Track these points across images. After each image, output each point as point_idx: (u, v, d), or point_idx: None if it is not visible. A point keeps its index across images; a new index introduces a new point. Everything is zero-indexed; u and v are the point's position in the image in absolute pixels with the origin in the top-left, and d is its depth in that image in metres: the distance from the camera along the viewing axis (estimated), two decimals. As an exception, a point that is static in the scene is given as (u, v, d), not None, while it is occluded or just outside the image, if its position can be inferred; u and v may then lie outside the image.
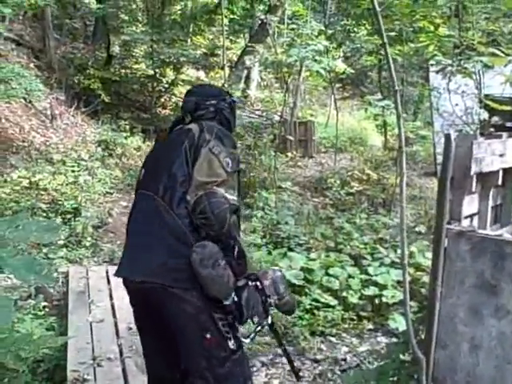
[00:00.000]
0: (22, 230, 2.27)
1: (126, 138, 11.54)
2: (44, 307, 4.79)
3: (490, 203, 3.10)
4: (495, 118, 6.90)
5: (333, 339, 4.68)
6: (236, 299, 2.41)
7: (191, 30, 15.67)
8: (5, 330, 2.66)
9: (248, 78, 15.95)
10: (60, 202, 7.49)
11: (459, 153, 2.60)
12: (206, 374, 2.39)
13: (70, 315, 4.40)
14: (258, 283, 2.48)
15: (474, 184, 2.74)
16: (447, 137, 2.56)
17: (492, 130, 6.14)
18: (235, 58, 16.27)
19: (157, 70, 13.86)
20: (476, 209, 2.94)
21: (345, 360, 4.33)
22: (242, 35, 17.69)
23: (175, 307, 2.39)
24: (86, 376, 3.46)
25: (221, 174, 2.40)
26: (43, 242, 5.88)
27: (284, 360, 4.24)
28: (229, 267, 2.38)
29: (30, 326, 4.05)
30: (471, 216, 2.88)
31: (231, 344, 2.41)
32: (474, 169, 2.65)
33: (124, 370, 3.54)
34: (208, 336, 2.37)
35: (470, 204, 2.79)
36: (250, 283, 2.47)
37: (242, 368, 2.49)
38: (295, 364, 4.18)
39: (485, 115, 6.60)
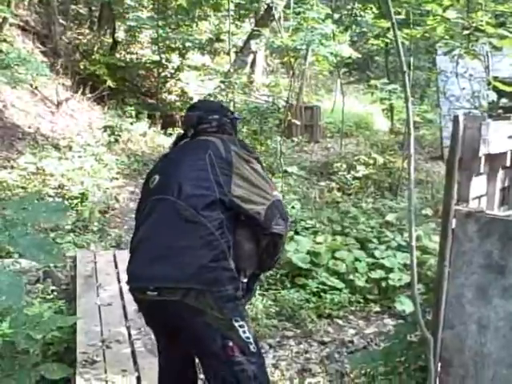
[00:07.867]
0: (30, 212, 2.27)
1: (131, 123, 11.55)
2: (52, 291, 4.82)
3: (498, 185, 3.09)
4: (504, 100, 6.87)
5: (340, 322, 4.70)
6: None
7: (197, 15, 15.56)
8: (16, 310, 2.68)
9: (254, 63, 15.87)
10: (66, 188, 7.54)
11: (467, 134, 2.58)
12: (230, 378, 2.39)
13: (79, 299, 4.43)
14: None
15: (482, 165, 2.72)
16: (456, 118, 2.55)
17: (500, 111, 6.10)
18: (241, 44, 16.18)
19: (162, 56, 13.83)
20: (484, 190, 2.93)
21: (352, 342, 4.36)
22: (247, 20, 17.58)
23: (193, 319, 2.38)
24: (95, 358, 3.48)
25: (267, 178, 2.57)
26: (52, 223, 5.93)
27: (291, 342, 4.30)
28: None
29: (38, 309, 4.07)
30: (479, 197, 2.87)
31: (252, 347, 2.42)
32: (482, 150, 2.63)
33: (133, 352, 3.56)
34: (230, 344, 2.37)
35: (477, 185, 2.78)
36: None
37: (262, 371, 2.48)
38: (302, 346, 4.25)
39: (493, 96, 6.56)
